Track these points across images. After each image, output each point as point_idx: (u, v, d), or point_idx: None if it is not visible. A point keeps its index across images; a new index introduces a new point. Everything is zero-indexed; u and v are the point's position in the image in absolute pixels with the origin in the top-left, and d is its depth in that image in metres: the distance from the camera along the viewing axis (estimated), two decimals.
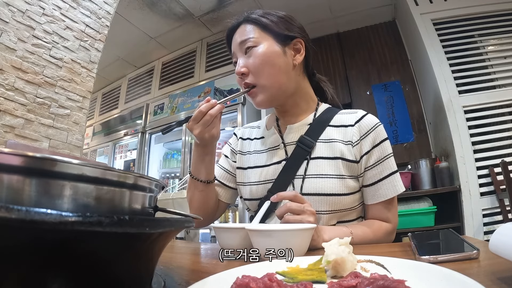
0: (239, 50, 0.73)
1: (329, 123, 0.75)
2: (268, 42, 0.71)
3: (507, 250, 0.26)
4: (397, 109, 2.68)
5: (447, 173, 2.10)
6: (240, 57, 0.73)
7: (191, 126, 0.69)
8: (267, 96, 0.71)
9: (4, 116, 1.52)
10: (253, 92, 0.71)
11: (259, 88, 0.71)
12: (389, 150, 0.71)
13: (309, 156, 0.71)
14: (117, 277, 0.25)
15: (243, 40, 0.71)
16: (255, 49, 0.70)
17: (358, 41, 3.00)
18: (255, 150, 0.82)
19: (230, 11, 2.90)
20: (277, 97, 0.73)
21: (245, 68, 0.71)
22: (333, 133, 0.73)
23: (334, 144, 0.71)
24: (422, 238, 0.49)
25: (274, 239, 0.44)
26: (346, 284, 0.26)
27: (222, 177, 0.85)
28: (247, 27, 0.73)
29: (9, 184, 0.20)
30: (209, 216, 0.82)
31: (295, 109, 0.78)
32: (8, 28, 1.56)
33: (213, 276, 0.29)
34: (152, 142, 3.36)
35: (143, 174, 0.29)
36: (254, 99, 0.73)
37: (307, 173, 0.70)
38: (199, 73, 3.24)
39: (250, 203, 0.78)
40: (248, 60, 0.71)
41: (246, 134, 0.88)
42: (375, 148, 0.70)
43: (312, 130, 0.74)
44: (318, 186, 0.68)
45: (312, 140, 0.72)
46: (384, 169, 0.69)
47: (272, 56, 0.70)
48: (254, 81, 0.70)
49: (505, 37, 2.16)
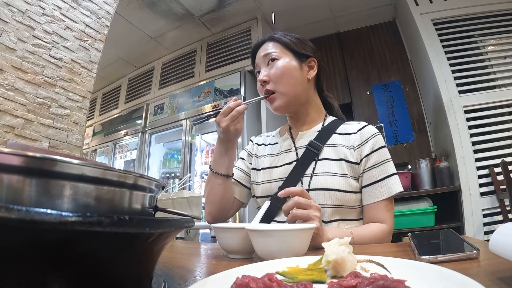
0: (263, 62, 0.85)
1: (335, 131, 0.84)
2: (288, 57, 0.83)
3: (507, 250, 0.26)
4: (397, 109, 2.68)
5: (447, 173, 2.10)
6: (263, 68, 0.84)
7: (219, 119, 0.77)
8: (284, 102, 0.81)
9: (4, 116, 1.52)
10: (272, 97, 0.82)
11: (277, 94, 0.81)
12: (387, 156, 0.78)
13: (317, 158, 0.79)
14: (117, 277, 0.25)
15: (267, 53, 0.84)
16: (277, 62, 0.82)
17: (358, 41, 3.01)
18: (269, 153, 0.91)
19: (230, 11, 2.90)
20: (292, 104, 0.83)
21: (267, 77, 0.81)
22: (338, 139, 0.82)
23: (338, 148, 0.80)
24: (422, 238, 0.49)
25: (274, 239, 0.44)
26: (346, 284, 0.26)
27: (239, 176, 0.93)
28: (270, 44, 0.86)
29: (9, 184, 0.20)
30: (225, 210, 0.88)
31: (306, 117, 0.88)
32: (8, 28, 1.56)
33: (213, 276, 0.29)
34: (152, 142, 3.36)
35: (143, 174, 0.29)
36: (272, 104, 0.82)
37: (315, 172, 0.77)
38: (199, 73, 3.24)
39: (261, 200, 0.84)
40: (270, 70, 0.82)
41: (261, 141, 0.98)
42: (374, 152, 0.77)
43: (320, 136, 0.83)
44: (324, 182, 0.75)
45: (320, 144, 0.80)
46: (382, 172, 0.76)
47: (291, 69, 0.82)
48: (274, 88, 0.81)
49: (505, 37, 2.16)
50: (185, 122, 3.01)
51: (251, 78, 2.81)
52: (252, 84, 2.82)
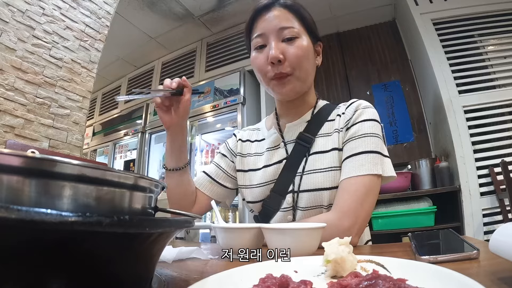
0: (275, 34, 0.68)
1: (327, 118, 0.74)
2: (307, 37, 0.70)
3: (507, 250, 0.26)
4: (397, 109, 2.68)
5: (447, 173, 2.10)
6: (274, 41, 0.68)
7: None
8: (297, 87, 0.70)
9: (4, 116, 1.52)
10: (287, 80, 0.69)
11: (292, 78, 0.69)
12: (371, 130, 0.66)
13: (308, 153, 0.70)
14: (117, 277, 0.25)
15: (285, 27, 0.68)
16: (298, 40, 0.68)
17: (358, 41, 3.00)
18: (256, 152, 0.81)
19: (230, 11, 2.90)
20: (301, 91, 0.73)
21: (283, 55, 0.67)
22: (330, 126, 0.73)
23: (331, 137, 0.71)
24: (422, 238, 0.49)
25: (288, 237, 0.46)
26: (346, 284, 0.26)
27: (215, 173, 0.83)
28: (286, 14, 0.69)
29: (9, 185, 0.20)
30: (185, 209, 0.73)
31: (301, 107, 0.77)
32: (8, 28, 1.56)
33: (213, 276, 0.29)
34: (152, 142, 3.36)
35: (143, 175, 0.29)
36: (284, 87, 0.69)
37: (304, 170, 0.69)
38: (199, 73, 3.24)
39: (253, 205, 0.78)
40: (288, 49, 0.67)
41: (245, 136, 0.87)
42: (356, 124, 0.67)
43: (310, 126, 0.74)
44: (313, 182, 0.67)
45: (311, 136, 0.72)
46: (359, 146, 0.64)
47: (311, 52, 0.71)
48: (290, 71, 0.68)
49: (505, 37, 2.16)
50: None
51: (251, 78, 2.80)
52: (252, 84, 2.82)
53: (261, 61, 0.70)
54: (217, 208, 0.67)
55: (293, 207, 0.70)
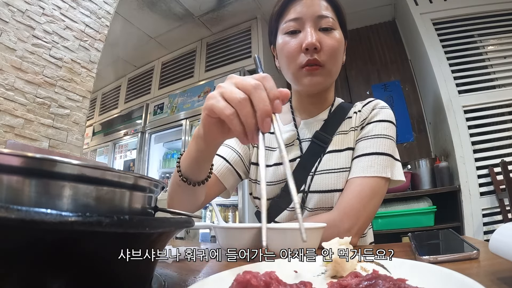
0: (313, 21, 0.64)
1: (344, 117, 0.72)
2: (340, 31, 0.68)
3: (507, 250, 0.26)
4: (397, 109, 2.68)
5: (447, 173, 2.10)
6: (310, 28, 0.64)
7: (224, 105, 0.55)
8: (326, 80, 0.68)
9: (4, 116, 1.52)
10: (318, 71, 0.65)
11: (324, 70, 0.66)
12: (385, 132, 0.64)
13: (323, 152, 0.68)
14: (117, 277, 0.25)
15: (323, 15, 0.65)
16: (334, 32, 0.66)
17: (358, 41, 3.00)
18: (268, 146, 0.76)
19: (229, 11, 2.90)
20: (326, 86, 0.71)
21: (319, 44, 0.63)
22: (347, 124, 0.71)
23: (347, 135, 0.69)
24: (422, 238, 0.49)
25: (288, 236, 0.46)
26: (346, 284, 0.26)
27: (234, 161, 0.73)
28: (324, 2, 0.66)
29: (9, 185, 0.20)
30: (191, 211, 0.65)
31: (319, 104, 0.74)
32: (8, 28, 1.56)
33: (213, 276, 0.28)
34: (152, 142, 3.36)
35: (143, 175, 0.29)
36: (314, 77, 0.65)
37: (317, 170, 0.67)
38: (198, 73, 3.24)
39: (260, 202, 0.74)
40: (325, 39, 0.64)
41: None
42: (370, 124, 0.66)
43: (328, 125, 0.71)
44: (326, 183, 0.65)
45: (328, 136, 0.69)
46: (369, 146, 0.63)
47: (343, 47, 0.69)
48: (324, 62, 0.64)
49: (505, 37, 2.16)
50: (185, 122, 3.01)
51: None
52: None
53: (292, 47, 0.65)
54: (217, 208, 0.67)
55: (300, 207, 0.68)
